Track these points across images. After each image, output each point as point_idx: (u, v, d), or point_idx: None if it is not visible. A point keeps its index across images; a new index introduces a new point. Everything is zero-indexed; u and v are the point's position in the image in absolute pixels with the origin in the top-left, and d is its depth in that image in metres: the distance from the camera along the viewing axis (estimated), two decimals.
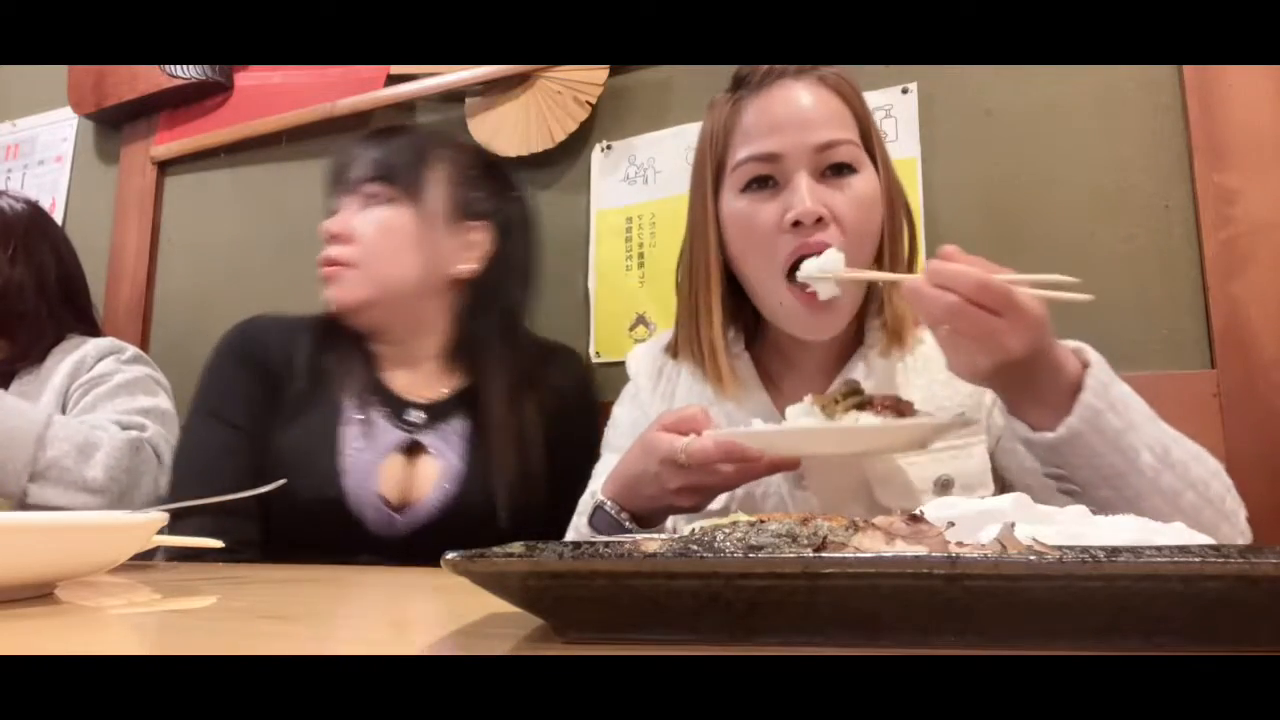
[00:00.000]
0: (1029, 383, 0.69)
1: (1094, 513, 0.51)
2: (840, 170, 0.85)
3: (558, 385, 1.17)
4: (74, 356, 1.31)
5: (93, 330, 1.42)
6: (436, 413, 1.10)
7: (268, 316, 1.18)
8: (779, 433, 0.76)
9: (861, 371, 0.90)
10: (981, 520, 0.47)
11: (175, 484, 1.11)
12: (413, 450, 1.08)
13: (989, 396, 0.88)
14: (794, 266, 0.83)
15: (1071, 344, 0.71)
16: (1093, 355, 0.71)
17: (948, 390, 0.88)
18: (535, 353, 1.19)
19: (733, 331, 0.95)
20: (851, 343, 0.93)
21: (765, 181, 0.86)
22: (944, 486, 0.85)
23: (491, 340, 1.14)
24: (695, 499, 0.79)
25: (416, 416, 1.10)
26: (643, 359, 1.04)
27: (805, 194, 0.82)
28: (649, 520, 0.83)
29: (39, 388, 1.29)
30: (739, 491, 0.88)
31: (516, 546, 0.42)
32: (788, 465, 0.78)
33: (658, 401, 0.99)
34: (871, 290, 0.92)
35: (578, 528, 0.92)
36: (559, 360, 1.23)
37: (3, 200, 1.37)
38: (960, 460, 0.86)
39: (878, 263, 0.89)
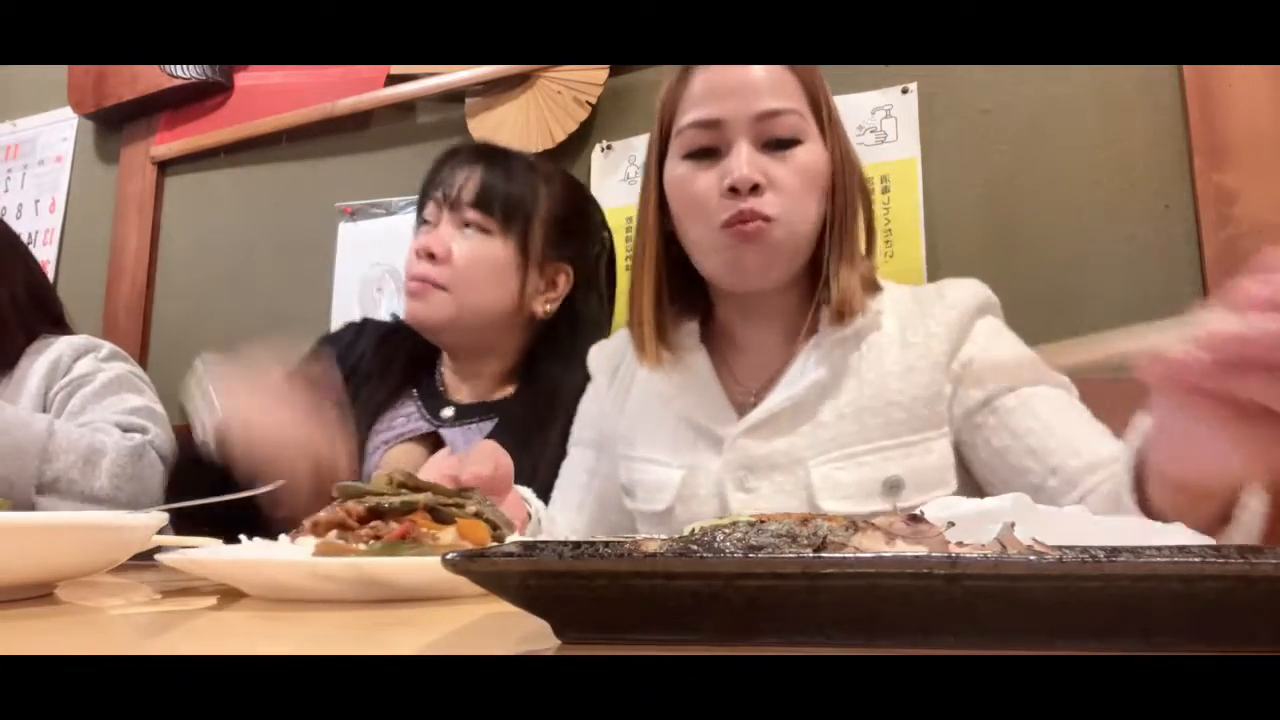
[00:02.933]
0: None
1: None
2: (782, 143, 0.84)
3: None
4: (48, 357, 1.28)
5: (64, 331, 1.39)
6: (468, 412, 1.13)
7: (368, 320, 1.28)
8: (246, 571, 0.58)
9: (814, 359, 0.87)
10: (981, 520, 0.47)
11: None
12: (430, 442, 1.11)
13: (948, 387, 0.85)
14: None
15: None
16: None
17: (901, 383, 0.84)
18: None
19: (686, 322, 0.94)
20: (799, 327, 0.90)
21: (707, 151, 0.85)
22: (893, 489, 0.81)
23: (551, 372, 1.15)
24: None
25: (447, 413, 1.13)
26: (599, 356, 1.04)
27: (743, 161, 0.82)
28: None
29: (14, 392, 1.26)
30: (684, 490, 0.87)
31: (515, 546, 0.42)
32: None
33: (615, 394, 0.99)
34: (817, 271, 0.89)
35: None
36: None
37: None
38: (914, 458, 0.82)
39: (825, 237, 0.87)
